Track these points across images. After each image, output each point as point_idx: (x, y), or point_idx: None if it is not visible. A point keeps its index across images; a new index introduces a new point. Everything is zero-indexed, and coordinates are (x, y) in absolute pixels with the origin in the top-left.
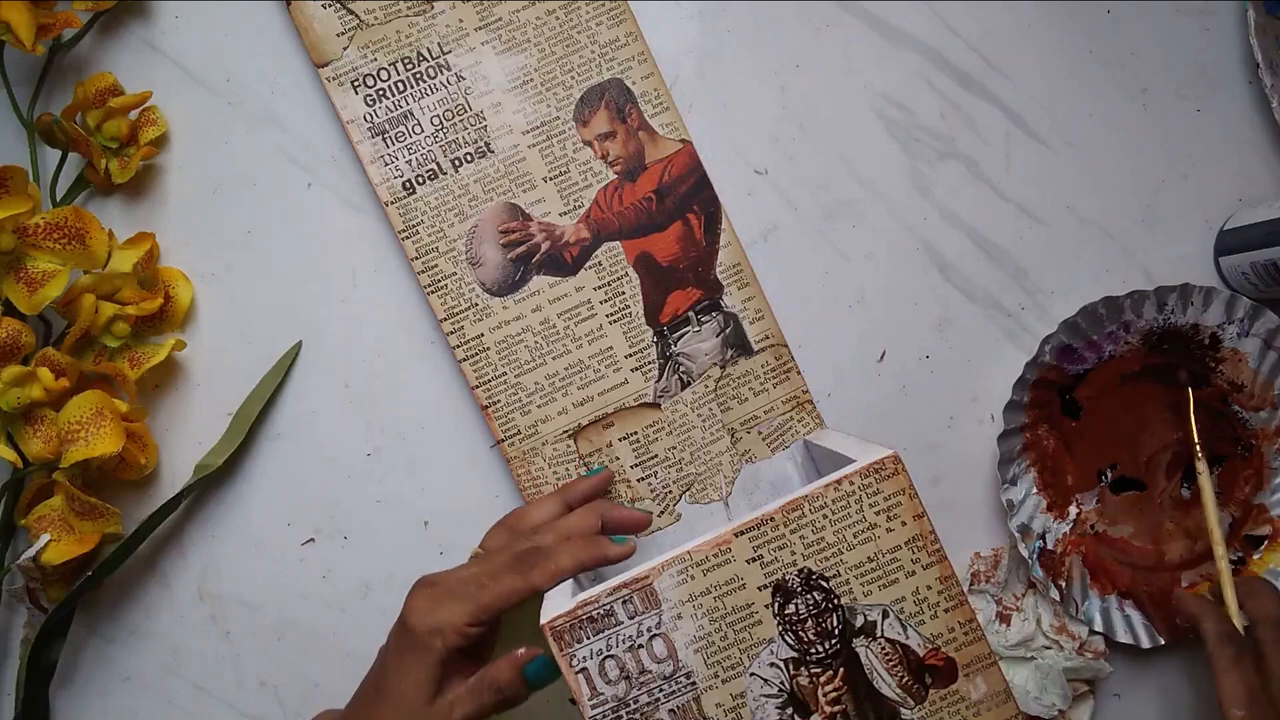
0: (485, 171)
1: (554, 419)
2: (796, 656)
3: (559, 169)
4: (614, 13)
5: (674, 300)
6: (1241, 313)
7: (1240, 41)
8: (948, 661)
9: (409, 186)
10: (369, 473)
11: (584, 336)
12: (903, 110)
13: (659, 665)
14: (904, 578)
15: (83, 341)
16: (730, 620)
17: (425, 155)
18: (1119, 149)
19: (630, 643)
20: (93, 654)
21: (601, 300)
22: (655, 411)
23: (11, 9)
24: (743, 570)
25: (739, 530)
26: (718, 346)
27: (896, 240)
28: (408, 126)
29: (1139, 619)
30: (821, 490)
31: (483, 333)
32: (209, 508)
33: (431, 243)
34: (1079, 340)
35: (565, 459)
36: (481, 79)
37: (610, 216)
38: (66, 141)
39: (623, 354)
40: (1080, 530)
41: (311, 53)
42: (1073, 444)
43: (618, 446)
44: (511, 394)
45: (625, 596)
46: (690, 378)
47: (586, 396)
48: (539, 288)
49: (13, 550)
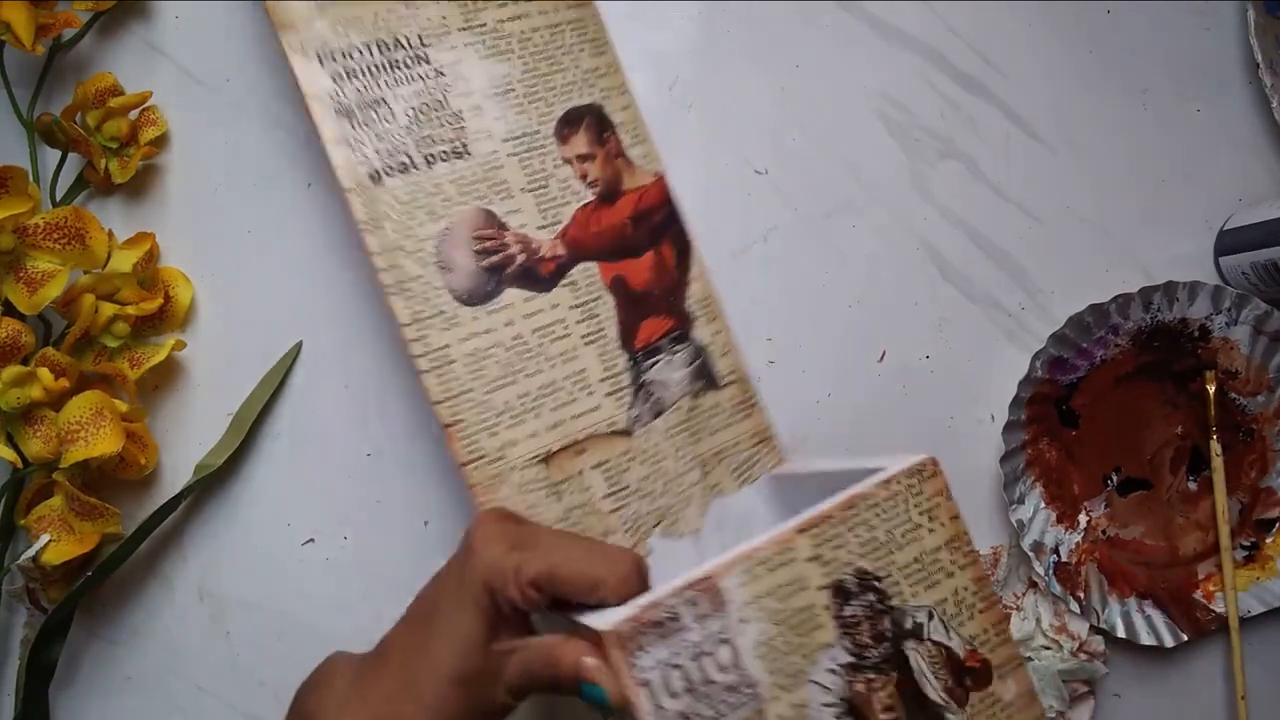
0: (461, 173)
1: (523, 442)
2: (854, 662)
3: (538, 182)
4: (596, 43)
5: (647, 327)
6: (1228, 302)
7: (1240, 41)
8: (984, 664)
9: (376, 177)
10: (369, 473)
11: (557, 356)
12: (903, 110)
13: (723, 675)
14: (944, 579)
15: (83, 341)
16: (793, 624)
17: (397, 146)
18: (1119, 149)
19: (696, 650)
20: (93, 654)
21: (577, 320)
22: (628, 440)
23: (11, 9)
24: (804, 570)
25: (800, 527)
26: (688, 377)
27: (896, 240)
28: (379, 113)
29: (1160, 618)
30: (874, 489)
31: (449, 343)
32: (209, 508)
33: (397, 240)
34: (1068, 350)
35: (535, 486)
36: (462, 79)
37: (587, 237)
38: (66, 141)
39: (596, 377)
40: (1092, 537)
41: (273, 14)
42: (1075, 453)
43: (590, 475)
44: (478, 412)
45: (692, 598)
46: (663, 406)
47: (559, 420)
48: (512, 301)
49: (13, 550)
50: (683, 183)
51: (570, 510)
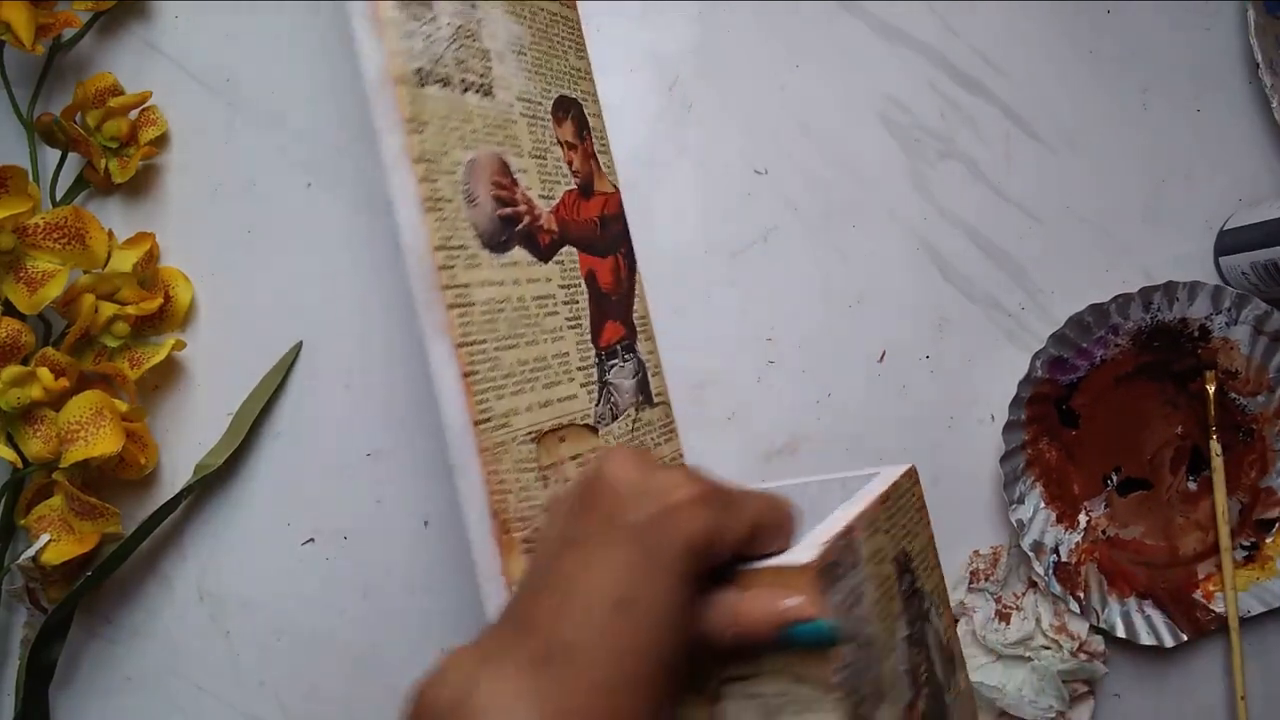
0: (486, 111)
1: (522, 413)
2: (909, 634)
3: (540, 152)
4: (579, 48)
5: (609, 329)
6: (1228, 302)
7: (1240, 41)
8: (959, 654)
9: (422, 76)
10: (369, 473)
11: (549, 332)
12: (903, 110)
13: (866, 627)
14: (927, 575)
15: (83, 341)
16: (885, 589)
17: (440, 56)
18: (1119, 149)
19: (851, 597)
20: (93, 654)
21: (563, 301)
22: (596, 437)
23: (11, 9)
24: (883, 541)
25: (882, 498)
26: (635, 388)
27: (896, 240)
28: (426, 16)
29: (1160, 618)
30: (899, 480)
31: (470, 283)
32: (209, 508)
33: (435, 152)
34: (1068, 350)
35: (528, 465)
36: (490, 21)
37: (571, 222)
38: (66, 141)
39: (575, 364)
40: (1092, 537)
41: None
42: (1075, 453)
43: (568, 466)
44: (489, 368)
45: (846, 544)
46: (618, 411)
47: (548, 399)
48: (519, 260)
49: (13, 550)
50: (683, 182)
51: None
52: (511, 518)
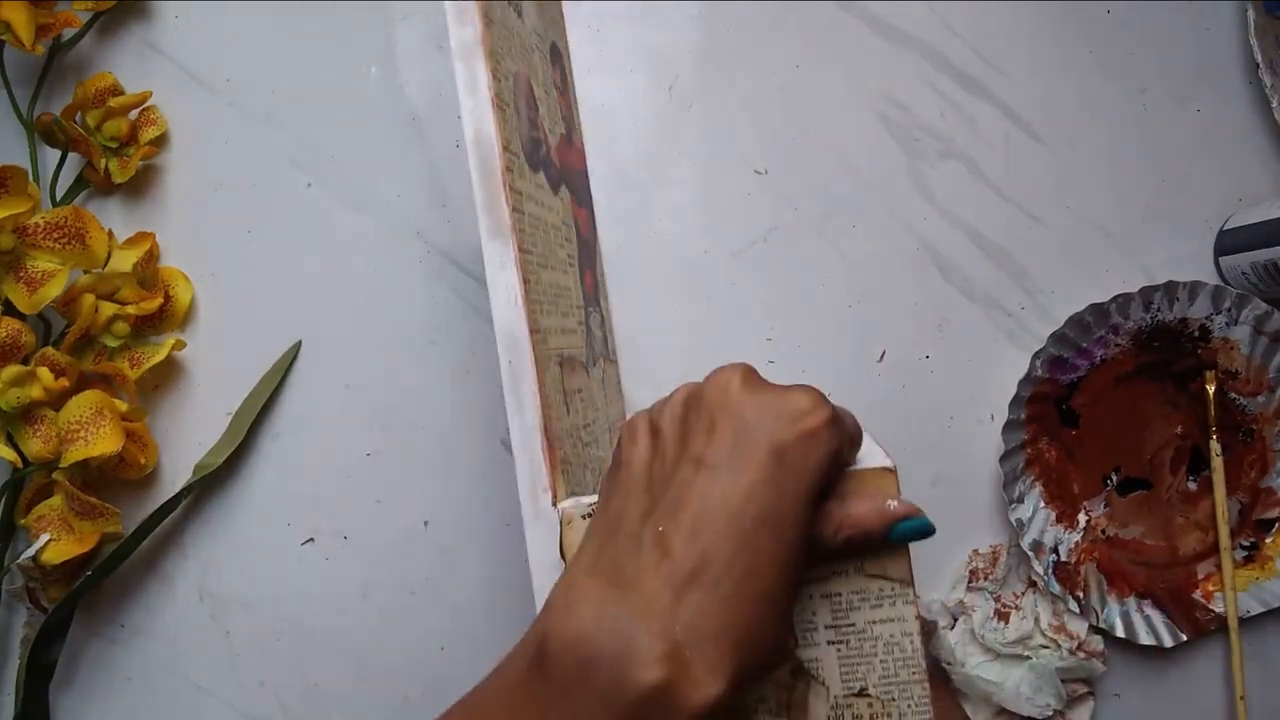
0: (522, 33)
1: (555, 336)
2: None
3: (547, 89)
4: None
5: (588, 277)
6: (1228, 302)
7: (1240, 41)
8: None
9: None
10: (369, 473)
11: (561, 262)
12: (903, 110)
13: None
14: None
15: (83, 341)
16: None
17: None
18: (1119, 149)
19: None
20: (93, 654)
21: (565, 238)
22: (587, 377)
23: (11, 9)
24: None
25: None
26: (602, 340)
27: (896, 240)
28: None
29: (1159, 618)
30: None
31: (523, 191)
32: (209, 507)
33: (501, 52)
34: (1069, 350)
35: (557, 389)
36: None
37: (564, 162)
38: (66, 141)
39: (573, 303)
40: (1092, 537)
41: None
42: (1074, 452)
43: (575, 400)
44: (535, 280)
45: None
46: (595, 358)
47: (563, 327)
48: (543, 183)
49: (13, 550)
50: (683, 182)
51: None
52: (554, 435)
